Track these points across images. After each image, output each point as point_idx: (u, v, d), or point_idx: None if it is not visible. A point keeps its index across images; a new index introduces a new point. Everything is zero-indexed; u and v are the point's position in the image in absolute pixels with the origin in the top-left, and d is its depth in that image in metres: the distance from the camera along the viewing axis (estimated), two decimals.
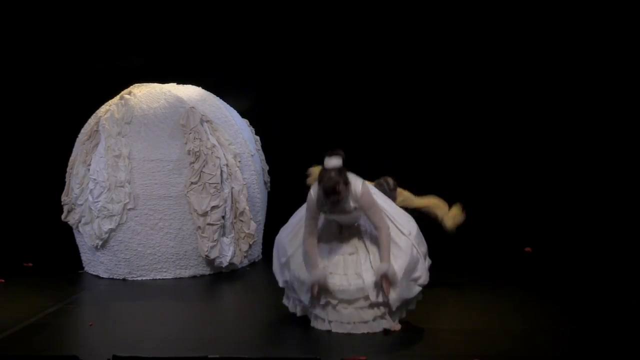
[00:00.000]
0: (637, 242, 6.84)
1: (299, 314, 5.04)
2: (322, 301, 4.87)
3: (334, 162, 4.71)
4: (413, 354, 4.65)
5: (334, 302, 4.85)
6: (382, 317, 4.88)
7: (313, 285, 4.82)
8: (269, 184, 7.01)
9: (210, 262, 6.44)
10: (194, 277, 6.45)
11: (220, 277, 6.43)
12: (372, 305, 4.83)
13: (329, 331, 4.89)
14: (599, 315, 5.18)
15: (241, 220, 6.48)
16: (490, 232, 7.28)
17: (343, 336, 4.88)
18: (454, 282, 5.98)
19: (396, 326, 4.92)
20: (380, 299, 4.82)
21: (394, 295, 4.80)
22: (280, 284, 5.10)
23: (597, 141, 7.47)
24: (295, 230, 5.00)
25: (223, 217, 6.39)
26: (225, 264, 6.44)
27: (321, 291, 4.85)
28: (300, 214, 5.00)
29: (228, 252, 6.42)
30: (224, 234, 6.44)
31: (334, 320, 4.88)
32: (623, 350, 4.56)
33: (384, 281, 4.78)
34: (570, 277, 6.15)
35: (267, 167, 7.02)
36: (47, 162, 7.61)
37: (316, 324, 4.96)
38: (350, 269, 4.87)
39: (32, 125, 7.94)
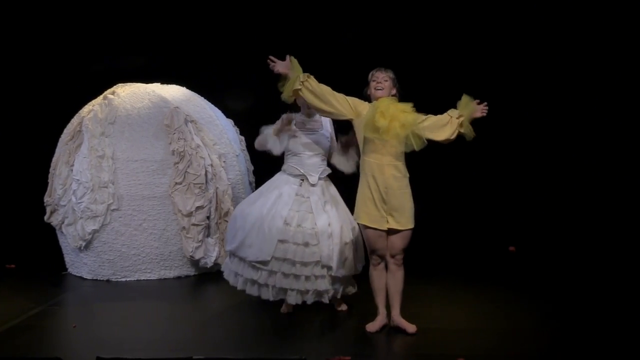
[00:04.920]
0: (619, 242, 6.90)
1: (239, 287, 5.33)
2: (272, 267, 5.12)
3: None
4: (398, 353, 4.66)
5: (286, 268, 5.09)
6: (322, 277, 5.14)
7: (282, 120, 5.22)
8: (254, 184, 7.00)
9: (195, 262, 6.42)
10: (179, 277, 6.43)
11: (205, 277, 6.42)
12: (322, 267, 5.12)
13: (288, 313, 5.22)
14: (583, 314, 5.22)
15: (226, 221, 6.46)
16: (474, 231, 7.32)
17: (328, 335, 4.89)
18: (438, 282, 6.01)
19: (343, 306, 5.31)
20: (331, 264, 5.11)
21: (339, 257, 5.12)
22: (227, 248, 5.37)
23: (579, 142, 7.53)
24: (253, 198, 5.37)
25: (208, 217, 6.38)
26: (210, 264, 6.42)
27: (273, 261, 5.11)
28: (259, 189, 5.43)
29: (213, 253, 6.41)
30: (208, 235, 6.43)
31: (280, 286, 5.14)
32: (606, 348, 4.59)
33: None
34: (554, 276, 6.20)
35: (252, 168, 7.01)
36: (29, 162, 7.56)
37: (252, 290, 5.24)
38: (308, 223, 5.13)
39: (14, 125, 7.89)
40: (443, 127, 4.87)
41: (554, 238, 7.13)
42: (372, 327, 4.93)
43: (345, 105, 4.91)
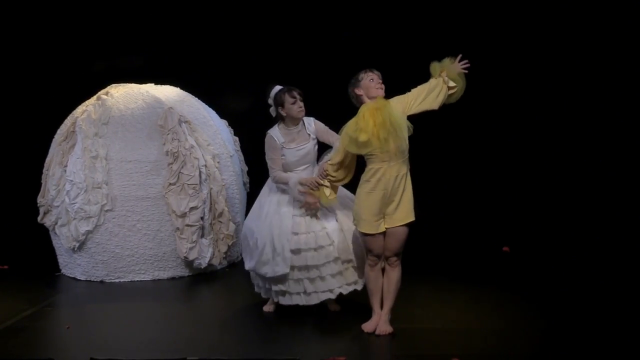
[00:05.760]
0: (614, 242, 6.92)
1: (264, 295, 5.29)
2: (296, 276, 5.06)
3: (277, 87, 5.26)
4: (392, 353, 4.66)
5: (309, 274, 5.04)
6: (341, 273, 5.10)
7: (300, 183, 5.05)
8: (248, 185, 6.99)
9: (189, 263, 6.41)
10: (173, 278, 6.42)
11: (199, 278, 6.41)
12: (337, 260, 5.08)
13: (306, 309, 5.12)
14: (577, 314, 5.23)
15: (220, 222, 6.45)
16: (468, 232, 7.33)
17: (322, 336, 4.89)
18: (432, 282, 6.01)
19: (336, 306, 5.28)
20: (348, 257, 5.07)
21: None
22: (246, 267, 5.29)
23: (573, 142, 7.55)
24: (256, 211, 5.26)
25: (202, 218, 6.37)
26: (204, 265, 6.41)
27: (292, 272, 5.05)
28: (259, 198, 5.33)
29: (207, 254, 6.40)
30: (202, 235, 6.42)
31: (311, 291, 5.08)
32: (600, 348, 4.60)
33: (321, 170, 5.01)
34: (548, 276, 6.21)
35: (246, 168, 7.01)
36: (22, 163, 7.54)
37: (285, 300, 5.15)
38: (316, 226, 5.08)
39: (7, 125, 7.86)
40: (437, 95, 4.82)
41: (548, 238, 7.14)
42: (367, 327, 4.92)
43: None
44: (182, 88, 6.90)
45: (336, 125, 5.03)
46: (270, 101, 5.29)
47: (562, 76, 7.52)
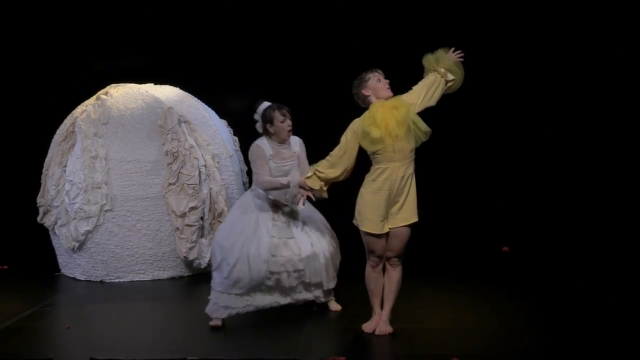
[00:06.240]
0: (613, 242, 6.92)
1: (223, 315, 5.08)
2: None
3: (266, 103, 5.23)
4: (392, 353, 4.66)
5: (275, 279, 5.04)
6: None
7: (294, 185, 4.96)
8: (247, 185, 6.99)
9: (188, 263, 6.41)
10: (173, 278, 6.42)
11: (199, 278, 6.40)
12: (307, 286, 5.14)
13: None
14: (576, 314, 5.23)
15: (220, 221, 6.45)
16: (468, 232, 7.33)
17: (322, 336, 4.88)
18: (432, 282, 6.01)
19: (336, 306, 5.32)
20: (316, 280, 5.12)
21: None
22: (217, 289, 5.11)
23: (573, 142, 7.54)
24: (229, 227, 5.17)
25: (202, 218, 6.37)
26: (204, 265, 6.41)
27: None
28: (232, 214, 5.26)
29: (207, 254, 6.39)
30: (202, 235, 6.42)
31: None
32: (599, 348, 4.60)
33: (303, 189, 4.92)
34: (548, 276, 6.21)
35: (245, 168, 7.00)
36: (22, 163, 7.53)
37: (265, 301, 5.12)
38: (293, 249, 5.08)
39: (6, 125, 7.86)
40: (436, 88, 4.81)
41: (547, 238, 7.14)
42: (367, 327, 4.92)
43: (350, 146, 4.79)
44: (181, 88, 6.90)
45: (335, 125, 5.01)
46: (258, 117, 5.23)
47: (562, 76, 7.51)
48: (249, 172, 7.02)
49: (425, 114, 4.84)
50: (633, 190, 7.35)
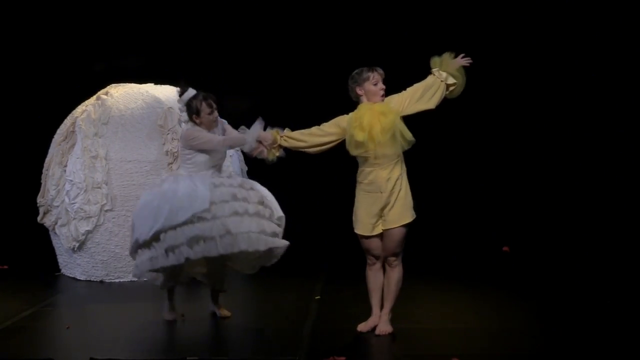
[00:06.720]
0: (613, 242, 6.92)
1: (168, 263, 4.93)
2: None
3: (191, 92, 5.07)
4: (392, 353, 4.66)
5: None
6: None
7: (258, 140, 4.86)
8: None
9: None
10: None
11: None
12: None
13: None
14: (576, 314, 5.23)
15: None
16: (468, 231, 7.33)
17: (322, 336, 4.88)
18: (432, 282, 6.01)
19: (225, 312, 5.13)
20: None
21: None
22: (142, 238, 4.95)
23: (573, 142, 7.55)
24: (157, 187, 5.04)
25: None
26: None
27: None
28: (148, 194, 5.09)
29: None
30: None
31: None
32: (599, 348, 4.60)
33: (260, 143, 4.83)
34: (548, 276, 6.21)
35: (246, 168, 7.00)
36: (22, 163, 7.53)
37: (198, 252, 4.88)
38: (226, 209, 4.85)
39: (6, 125, 7.86)
40: (432, 94, 4.77)
41: (548, 238, 7.14)
42: (363, 326, 4.91)
43: (331, 129, 4.80)
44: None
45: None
46: (182, 106, 5.14)
47: (562, 77, 7.52)
48: (249, 172, 7.04)
49: (425, 114, 4.83)
50: (633, 190, 7.35)
